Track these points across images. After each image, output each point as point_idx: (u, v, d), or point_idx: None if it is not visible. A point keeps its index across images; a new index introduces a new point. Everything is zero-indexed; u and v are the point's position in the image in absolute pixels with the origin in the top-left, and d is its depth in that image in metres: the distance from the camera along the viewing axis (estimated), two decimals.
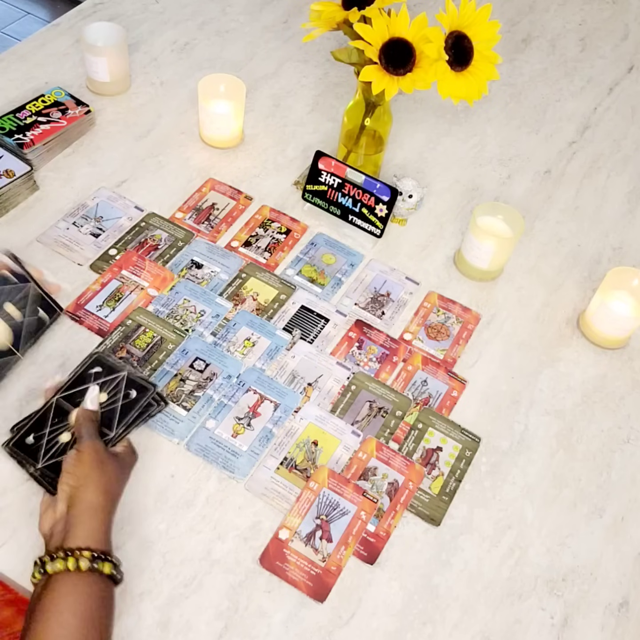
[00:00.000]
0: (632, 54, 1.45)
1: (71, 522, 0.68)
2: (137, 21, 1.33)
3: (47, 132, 1.07)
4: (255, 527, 0.79)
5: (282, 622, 0.74)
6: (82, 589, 0.65)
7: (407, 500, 0.83)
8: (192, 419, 0.85)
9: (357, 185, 1.02)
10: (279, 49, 1.34)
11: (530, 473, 0.87)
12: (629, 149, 1.26)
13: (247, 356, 0.92)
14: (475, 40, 0.90)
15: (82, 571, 0.65)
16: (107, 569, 0.66)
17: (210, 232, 1.04)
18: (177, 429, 0.84)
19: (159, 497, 0.80)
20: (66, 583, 0.65)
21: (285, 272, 1.02)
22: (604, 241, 1.12)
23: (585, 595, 0.79)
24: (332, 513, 0.80)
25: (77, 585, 0.65)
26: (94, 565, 0.65)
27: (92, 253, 0.99)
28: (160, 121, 1.18)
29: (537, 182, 1.19)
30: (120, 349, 0.90)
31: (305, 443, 0.85)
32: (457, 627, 0.76)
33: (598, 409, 0.94)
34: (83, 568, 0.65)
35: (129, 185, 1.08)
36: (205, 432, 0.85)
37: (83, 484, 0.70)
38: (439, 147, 1.22)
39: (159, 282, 0.97)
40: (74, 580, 0.65)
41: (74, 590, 0.65)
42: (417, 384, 0.93)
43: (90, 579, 0.65)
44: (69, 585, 0.65)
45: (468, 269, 1.04)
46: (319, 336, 0.95)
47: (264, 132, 1.19)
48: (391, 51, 0.90)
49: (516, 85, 1.35)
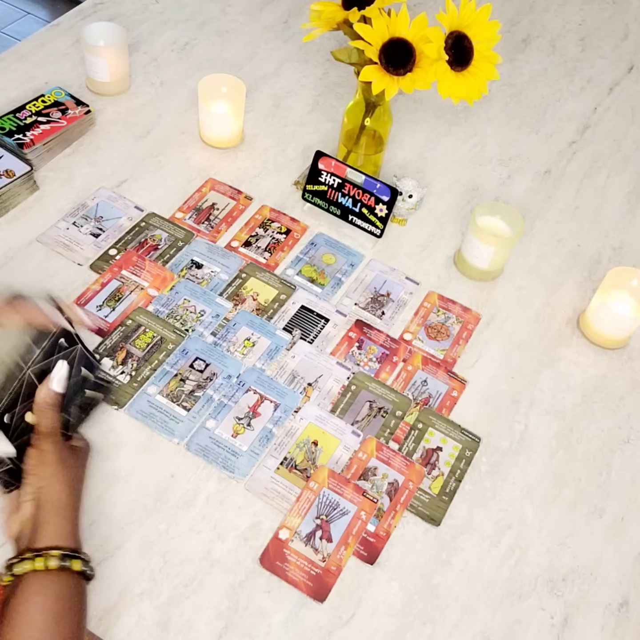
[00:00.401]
0: (632, 54, 1.45)
1: (38, 522, 0.66)
2: (137, 21, 1.33)
3: (47, 132, 1.07)
4: (255, 527, 0.79)
5: (282, 622, 0.74)
6: (50, 588, 0.64)
7: (407, 500, 0.83)
8: (192, 419, 0.85)
9: (357, 185, 1.02)
10: (279, 49, 1.34)
11: (530, 473, 0.87)
12: (629, 149, 1.26)
13: (247, 356, 0.92)
14: (475, 40, 0.90)
15: (51, 570, 0.64)
16: (77, 566, 0.65)
17: (210, 232, 1.04)
18: (177, 429, 0.84)
19: (159, 497, 0.80)
20: (34, 583, 0.63)
21: (285, 272, 1.02)
22: (604, 241, 1.12)
23: (585, 595, 0.79)
24: (332, 513, 0.80)
25: (46, 585, 0.64)
26: (63, 563, 0.64)
27: (92, 253, 0.99)
28: (160, 121, 1.18)
29: (537, 182, 1.19)
30: (120, 349, 0.90)
31: (305, 443, 0.85)
32: (457, 627, 0.76)
33: (598, 409, 0.94)
34: (52, 567, 0.63)
35: (129, 185, 1.08)
36: (205, 432, 0.85)
37: (47, 483, 0.68)
38: (439, 147, 1.22)
39: (159, 282, 0.97)
40: (42, 580, 0.63)
41: (42, 589, 0.63)
42: (417, 384, 0.93)
43: (60, 578, 0.64)
44: (37, 585, 0.63)
45: (468, 269, 1.04)
46: (319, 336, 0.95)
47: (264, 132, 1.19)
48: (391, 51, 0.90)
49: (516, 85, 1.35)
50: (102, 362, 0.88)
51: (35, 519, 0.67)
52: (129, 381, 0.87)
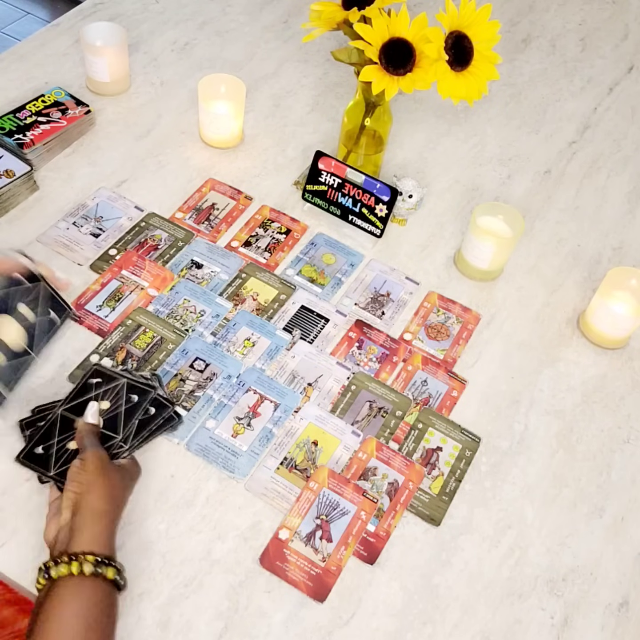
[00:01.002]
0: (632, 54, 1.45)
1: (75, 527, 0.68)
2: (137, 21, 1.33)
3: (47, 132, 1.07)
4: (255, 527, 0.79)
5: (282, 622, 0.74)
6: (85, 593, 0.65)
7: (407, 500, 0.83)
8: (192, 419, 0.85)
9: (357, 185, 1.02)
10: (279, 49, 1.34)
11: (530, 473, 0.87)
12: (629, 149, 1.26)
13: (247, 356, 0.92)
14: (475, 40, 0.90)
15: (85, 575, 0.65)
16: (111, 573, 0.66)
17: (210, 232, 1.04)
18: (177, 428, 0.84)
19: (159, 497, 0.80)
20: (69, 588, 0.65)
21: (285, 272, 1.02)
22: (604, 241, 1.12)
23: (585, 595, 0.79)
24: (332, 513, 0.80)
25: (80, 590, 0.65)
26: (97, 569, 0.65)
27: (92, 253, 0.99)
28: (160, 121, 1.18)
29: (537, 182, 1.19)
30: (120, 349, 0.90)
31: (305, 443, 0.85)
32: (457, 627, 0.76)
33: (598, 409, 0.94)
34: (87, 572, 0.65)
35: (129, 185, 1.08)
36: (205, 432, 0.85)
37: (87, 490, 0.70)
38: (439, 147, 1.22)
39: (159, 282, 0.97)
40: (77, 585, 0.65)
41: (76, 595, 0.65)
42: (417, 384, 0.93)
43: (94, 584, 0.65)
44: (72, 589, 0.65)
45: (468, 269, 1.04)
46: (319, 336, 0.95)
47: (264, 132, 1.19)
48: (391, 51, 0.90)
49: (516, 85, 1.35)
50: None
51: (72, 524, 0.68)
52: None
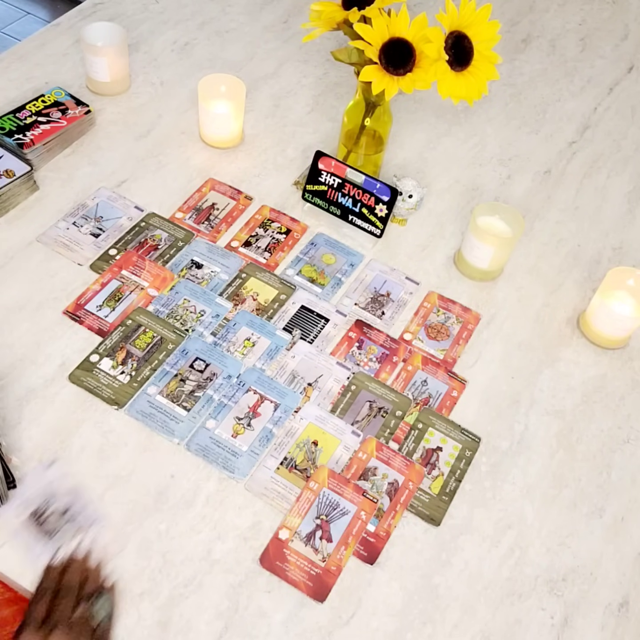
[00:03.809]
0: (632, 54, 1.45)
1: None
2: (137, 21, 1.33)
3: (47, 132, 1.07)
4: (255, 527, 0.79)
5: (282, 622, 0.74)
6: None
7: (407, 500, 0.83)
8: (192, 419, 0.85)
9: (357, 185, 1.02)
10: (279, 49, 1.34)
11: (530, 473, 0.87)
12: (629, 149, 1.26)
13: (247, 356, 0.92)
14: (475, 40, 0.90)
15: None
16: None
17: (210, 232, 1.04)
18: (177, 429, 0.84)
19: (159, 497, 0.80)
20: None
21: (285, 272, 1.02)
22: (604, 241, 1.12)
23: (585, 595, 0.79)
24: (332, 513, 0.80)
25: None
26: None
27: (92, 253, 0.99)
28: (160, 121, 1.18)
29: (537, 182, 1.19)
30: (120, 349, 0.90)
31: (305, 443, 0.85)
32: (457, 627, 0.76)
33: (598, 409, 0.94)
34: None
35: (129, 185, 1.08)
36: (205, 432, 0.85)
37: None
38: (439, 147, 1.22)
39: (159, 282, 0.97)
40: None
41: None
42: (417, 384, 0.93)
43: None
44: None
45: (468, 269, 1.04)
46: (319, 336, 0.95)
47: (264, 132, 1.19)
48: (391, 51, 0.90)
49: (516, 85, 1.35)
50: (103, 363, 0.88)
51: None
52: (129, 381, 0.87)
